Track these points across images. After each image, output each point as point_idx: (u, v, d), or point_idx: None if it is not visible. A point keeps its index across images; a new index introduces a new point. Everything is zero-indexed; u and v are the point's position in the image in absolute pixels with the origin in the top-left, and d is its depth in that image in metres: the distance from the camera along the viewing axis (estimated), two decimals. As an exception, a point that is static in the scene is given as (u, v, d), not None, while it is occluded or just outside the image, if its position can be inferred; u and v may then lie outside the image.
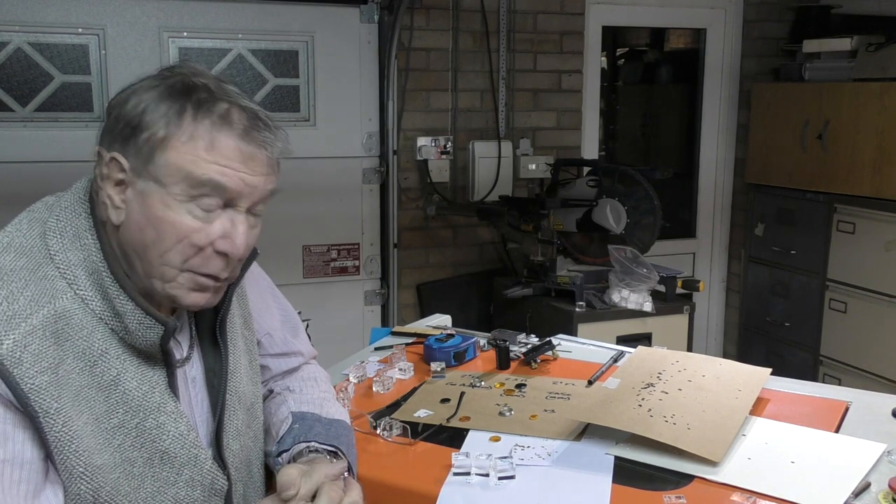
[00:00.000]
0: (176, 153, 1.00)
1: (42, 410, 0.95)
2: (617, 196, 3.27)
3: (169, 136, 1.00)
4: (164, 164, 1.00)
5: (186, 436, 1.08)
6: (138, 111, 1.01)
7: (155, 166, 1.00)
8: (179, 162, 1.00)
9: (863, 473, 1.19)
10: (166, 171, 1.00)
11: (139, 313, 1.03)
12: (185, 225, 1.01)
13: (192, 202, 1.01)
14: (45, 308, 0.99)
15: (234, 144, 1.01)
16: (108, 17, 3.17)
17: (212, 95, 1.03)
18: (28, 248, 1.03)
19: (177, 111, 1.00)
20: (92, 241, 1.04)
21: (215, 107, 1.02)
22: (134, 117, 1.01)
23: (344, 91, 3.51)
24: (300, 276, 3.56)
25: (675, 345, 3.03)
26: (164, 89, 1.02)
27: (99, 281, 1.02)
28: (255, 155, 1.03)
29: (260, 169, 1.04)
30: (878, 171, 3.42)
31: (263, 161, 1.04)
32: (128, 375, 1.04)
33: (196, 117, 1.00)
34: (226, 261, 1.05)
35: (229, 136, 1.01)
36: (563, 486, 1.21)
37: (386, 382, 1.58)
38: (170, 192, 1.00)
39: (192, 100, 1.01)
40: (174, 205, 1.00)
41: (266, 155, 1.04)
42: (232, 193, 1.02)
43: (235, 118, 1.02)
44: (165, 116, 1.00)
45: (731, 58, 4.33)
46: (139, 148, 1.01)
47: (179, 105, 1.01)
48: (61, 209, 1.06)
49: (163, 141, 1.00)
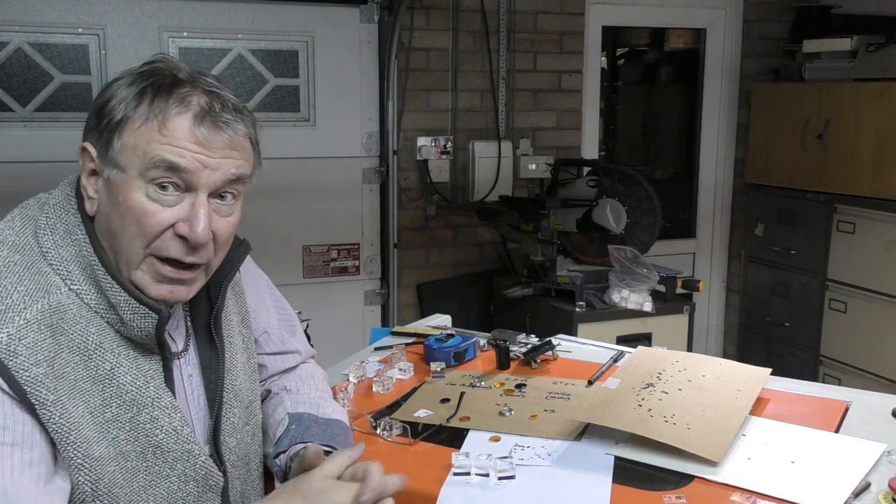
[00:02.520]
0: (131, 135, 1.01)
1: (39, 402, 0.96)
2: (617, 196, 3.27)
3: (125, 119, 1.01)
4: (121, 147, 1.01)
5: (180, 430, 1.08)
6: (105, 99, 1.03)
7: (113, 150, 1.01)
8: (134, 143, 1.00)
9: (863, 473, 1.19)
10: (123, 154, 1.01)
11: (133, 303, 1.03)
12: (143, 208, 1.01)
13: (149, 184, 1.01)
14: (39, 302, 0.99)
15: (187, 125, 1.01)
16: (108, 17, 3.17)
17: (176, 81, 1.03)
18: (21, 245, 1.04)
19: (136, 95, 1.01)
20: (82, 235, 1.04)
21: (175, 90, 1.02)
22: (101, 106, 1.03)
23: (344, 91, 3.52)
24: (300, 276, 3.57)
25: (675, 345, 3.03)
26: (133, 77, 1.04)
27: (92, 274, 1.03)
28: (213, 137, 1.02)
29: (220, 152, 1.03)
30: (878, 171, 3.42)
31: (223, 143, 1.03)
32: (122, 369, 1.04)
33: (153, 101, 1.01)
34: (186, 245, 1.03)
35: (184, 118, 1.01)
36: (563, 486, 1.21)
37: (386, 382, 1.58)
38: (129, 176, 1.01)
39: (153, 85, 1.02)
40: (132, 188, 1.01)
41: (226, 137, 1.03)
42: (189, 174, 1.01)
43: (194, 101, 1.02)
44: (125, 101, 1.01)
45: (731, 58, 4.33)
46: (101, 133, 1.02)
47: (140, 90, 1.02)
48: (51, 206, 1.07)
49: (119, 124, 1.01)
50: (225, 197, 1.06)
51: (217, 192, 1.05)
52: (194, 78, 1.05)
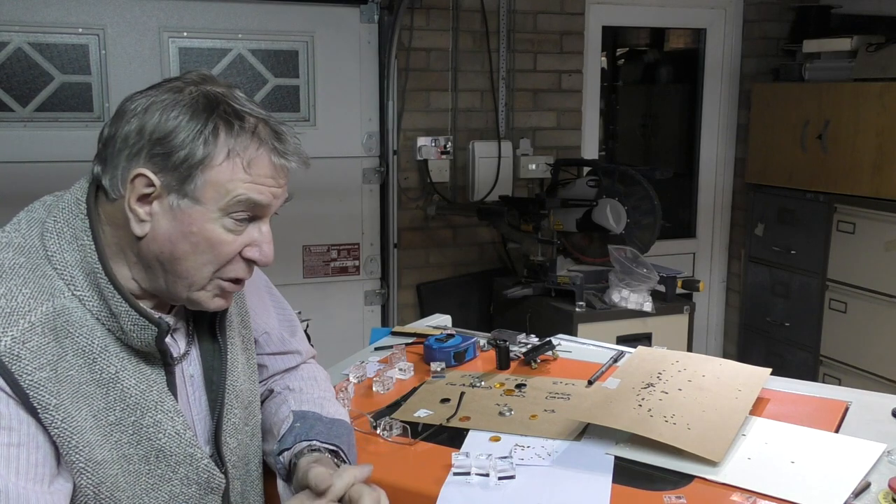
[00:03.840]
0: (214, 173, 1.02)
1: (41, 406, 0.96)
2: (617, 196, 3.27)
3: (207, 157, 1.02)
4: (202, 183, 1.02)
5: (182, 434, 1.09)
6: (168, 129, 1.02)
7: (193, 185, 1.02)
8: (218, 181, 1.03)
9: (863, 473, 1.19)
10: (204, 190, 1.03)
11: (133, 314, 1.03)
12: (220, 239, 1.05)
13: (226, 217, 1.05)
14: (44, 305, 1.00)
15: (267, 162, 1.05)
16: (108, 17, 3.17)
17: (234, 109, 1.05)
18: (27, 248, 1.04)
19: (211, 131, 1.02)
20: (88, 241, 1.04)
21: (245, 123, 1.05)
22: (164, 135, 1.02)
23: (344, 91, 3.52)
24: (300, 276, 3.57)
25: (675, 345, 3.03)
26: (188, 105, 1.03)
27: (95, 282, 1.03)
28: (283, 168, 1.07)
29: (284, 181, 1.09)
30: (878, 171, 3.42)
31: (287, 172, 1.09)
32: (126, 373, 1.05)
33: (229, 136, 1.03)
34: (251, 266, 1.11)
35: (263, 155, 1.05)
36: (563, 486, 1.20)
37: (386, 382, 1.58)
38: (206, 209, 1.03)
39: (220, 116, 1.03)
40: (209, 220, 1.04)
41: (289, 167, 1.08)
42: (265, 208, 1.07)
43: (263, 134, 1.06)
44: (201, 135, 1.02)
45: (731, 58, 4.33)
46: (175, 167, 1.02)
47: (211, 123, 1.02)
48: (59, 210, 1.07)
49: (202, 162, 1.02)
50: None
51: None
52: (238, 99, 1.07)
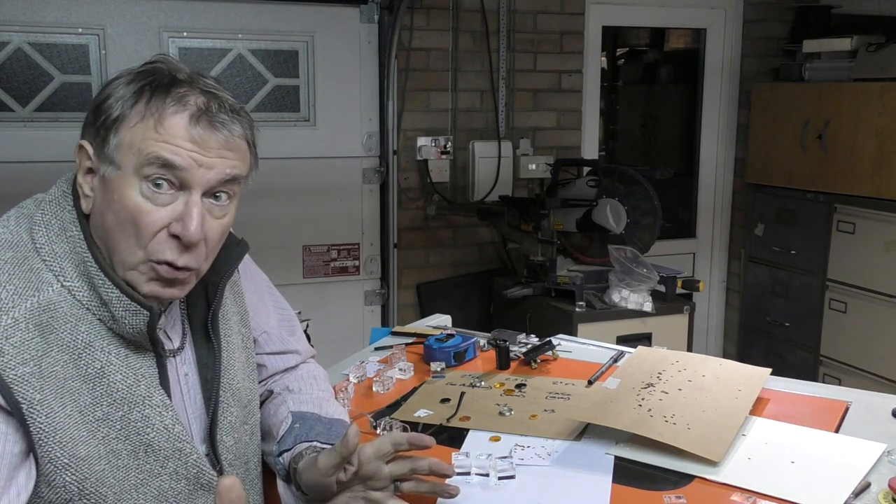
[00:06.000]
0: (127, 132, 1.01)
1: (25, 401, 0.96)
2: (617, 196, 3.27)
3: (122, 117, 1.01)
4: (117, 144, 1.01)
5: (171, 428, 1.08)
6: (103, 97, 1.04)
7: (109, 147, 1.02)
8: (130, 140, 1.01)
9: (863, 473, 1.19)
10: (119, 150, 1.01)
11: (125, 300, 1.03)
12: (137, 205, 1.01)
13: (143, 181, 1.01)
14: (28, 300, 0.99)
15: (183, 124, 1.01)
16: (108, 17, 3.17)
17: (175, 81, 1.04)
18: (15, 243, 1.04)
19: (134, 93, 1.02)
20: (76, 232, 1.05)
21: (173, 89, 1.03)
22: (99, 103, 1.04)
23: (344, 91, 3.52)
24: (300, 276, 3.57)
25: (675, 345, 3.03)
26: (132, 76, 1.04)
27: (85, 271, 1.03)
28: (209, 136, 1.03)
29: (215, 151, 1.03)
30: (878, 171, 3.42)
31: (219, 143, 1.03)
32: (113, 367, 1.04)
33: (150, 99, 1.02)
34: (181, 246, 1.04)
35: (180, 116, 1.01)
36: (563, 486, 1.21)
37: (386, 382, 1.58)
38: (124, 173, 1.01)
39: (151, 84, 1.03)
40: (127, 185, 1.01)
41: (221, 137, 1.03)
42: (183, 172, 1.01)
43: (192, 101, 1.03)
44: (122, 99, 1.02)
45: (731, 58, 4.33)
46: (97, 131, 1.03)
47: (138, 88, 1.02)
48: (47, 203, 1.07)
49: (116, 121, 1.01)
50: (219, 197, 1.06)
51: (211, 191, 1.05)
52: (193, 78, 1.05)
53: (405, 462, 1.15)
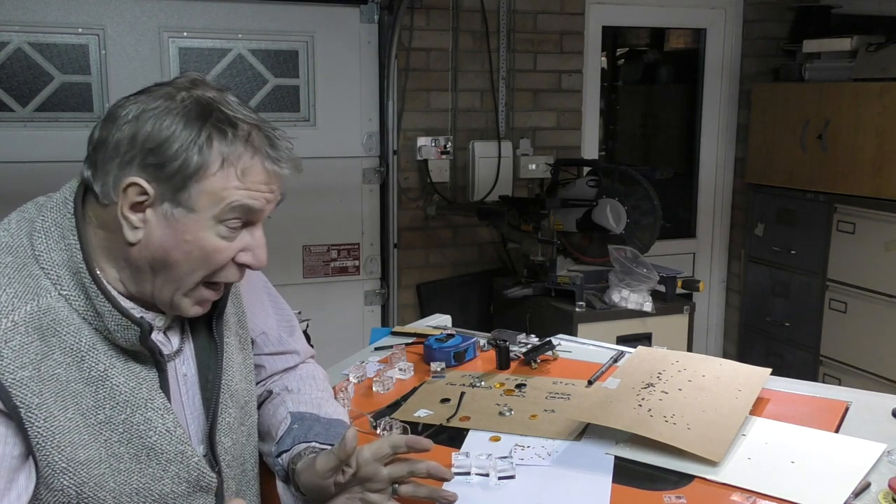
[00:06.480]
0: (209, 182, 1.03)
1: (24, 405, 0.96)
2: (617, 196, 3.27)
3: (201, 167, 1.02)
4: (196, 192, 1.02)
5: (173, 431, 1.08)
6: (161, 138, 1.01)
7: (188, 195, 1.02)
8: (212, 190, 1.03)
9: (863, 473, 1.19)
10: (198, 198, 1.03)
11: (116, 315, 1.03)
12: (214, 246, 1.06)
13: (220, 224, 1.05)
14: (28, 304, 0.99)
15: (260, 169, 1.06)
16: (108, 17, 3.17)
17: (227, 116, 1.05)
18: (14, 247, 1.04)
19: (205, 140, 1.02)
20: (74, 241, 1.04)
21: (238, 130, 1.04)
22: (158, 144, 1.01)
23: (344, 91, 3.52)
24: (300, 276, 3.57)
25: (675, 345, 3.03)
26: (181, 113, 1.02)
27: (80, 281, 1.03)
28: (276, 174, 1.08)
29: (277, 186, 1.09)
30: (878, 171, 3.42)
31: (280, 178, 1.09)
32: (115, 371, 1.04)
33: (223, 144, 1.03)
34: (243, 270, 1.11)
35: (257, 162, 1.06)
36: (563, 486, 1.21)
37: (386, 382, 1.58)
38: (200, 217, 1.03)
39: (214, 124, 1.03)
40: (203, 228, 1.04)
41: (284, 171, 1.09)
42: (259, 213, 1.08)
43: (256, 141, 1.06)
44: (194, 145, 1.01)
45: (731, 58, 4.33)
46: (169, 176, 1.01)
47: (205, 132, 1.02)
48: (48, 209, 1.07)
49: (196, 171, 1.02)
50: None
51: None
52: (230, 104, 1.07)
53: (404, 464, 1.15)
